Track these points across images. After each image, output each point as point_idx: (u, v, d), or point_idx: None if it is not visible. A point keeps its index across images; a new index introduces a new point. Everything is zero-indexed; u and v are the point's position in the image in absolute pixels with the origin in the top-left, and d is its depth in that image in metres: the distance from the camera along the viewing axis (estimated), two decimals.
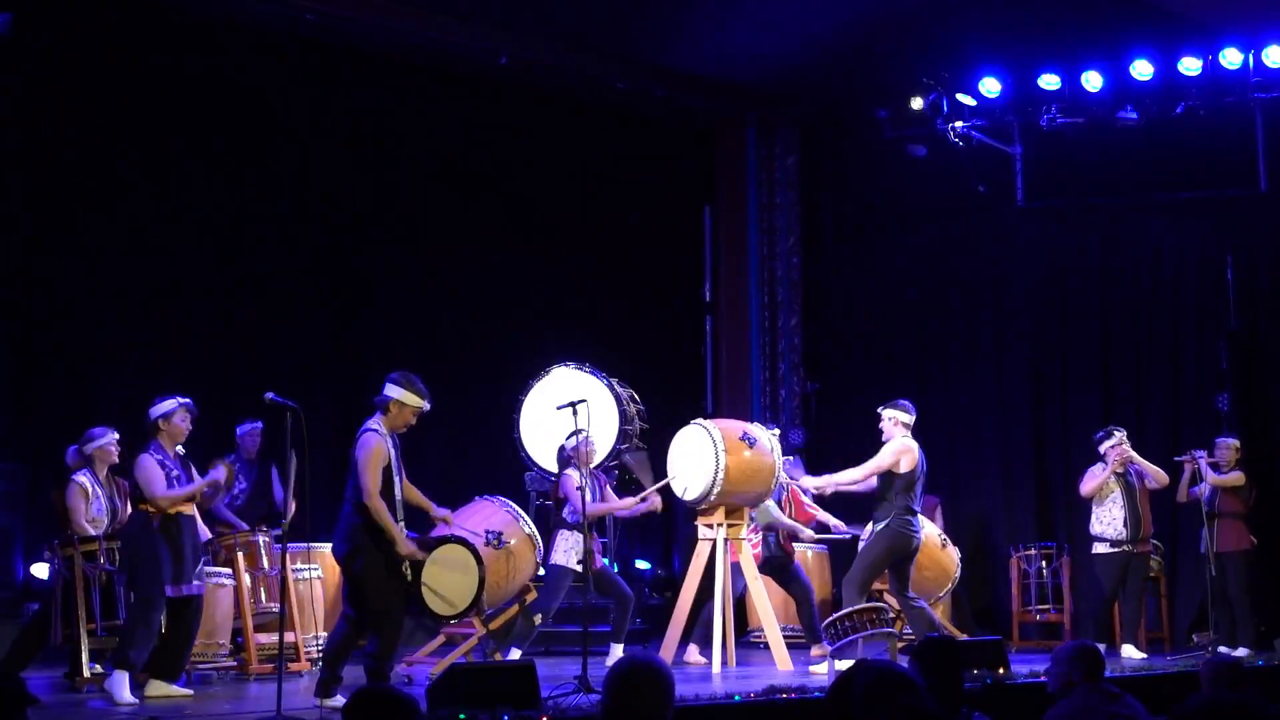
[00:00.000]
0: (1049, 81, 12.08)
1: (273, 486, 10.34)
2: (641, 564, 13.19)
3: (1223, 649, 10.16)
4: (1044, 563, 11.65)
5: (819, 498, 10.51)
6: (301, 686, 8.14)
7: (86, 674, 8.12)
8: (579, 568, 9.19)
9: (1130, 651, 10.22)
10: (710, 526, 9.35)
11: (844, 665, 7.92)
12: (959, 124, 12.43)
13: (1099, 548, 10.45)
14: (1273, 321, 12.04)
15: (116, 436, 8.64)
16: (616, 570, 10.26)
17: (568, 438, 9.39)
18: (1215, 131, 11.88)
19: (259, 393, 7.33)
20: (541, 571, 9.28)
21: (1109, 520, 10.42)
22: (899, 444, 9.27)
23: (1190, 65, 11.56)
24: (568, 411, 8.71)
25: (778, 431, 9.92)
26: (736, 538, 9.38)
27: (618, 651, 9.43)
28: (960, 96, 12.35)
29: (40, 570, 9.71)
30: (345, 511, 7.27)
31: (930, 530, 10.35)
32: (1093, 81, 11.90)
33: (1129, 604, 10.48)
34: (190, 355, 11.31)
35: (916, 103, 12.37)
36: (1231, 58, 11.48)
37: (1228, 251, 12.06)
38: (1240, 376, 11.82)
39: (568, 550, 9.35)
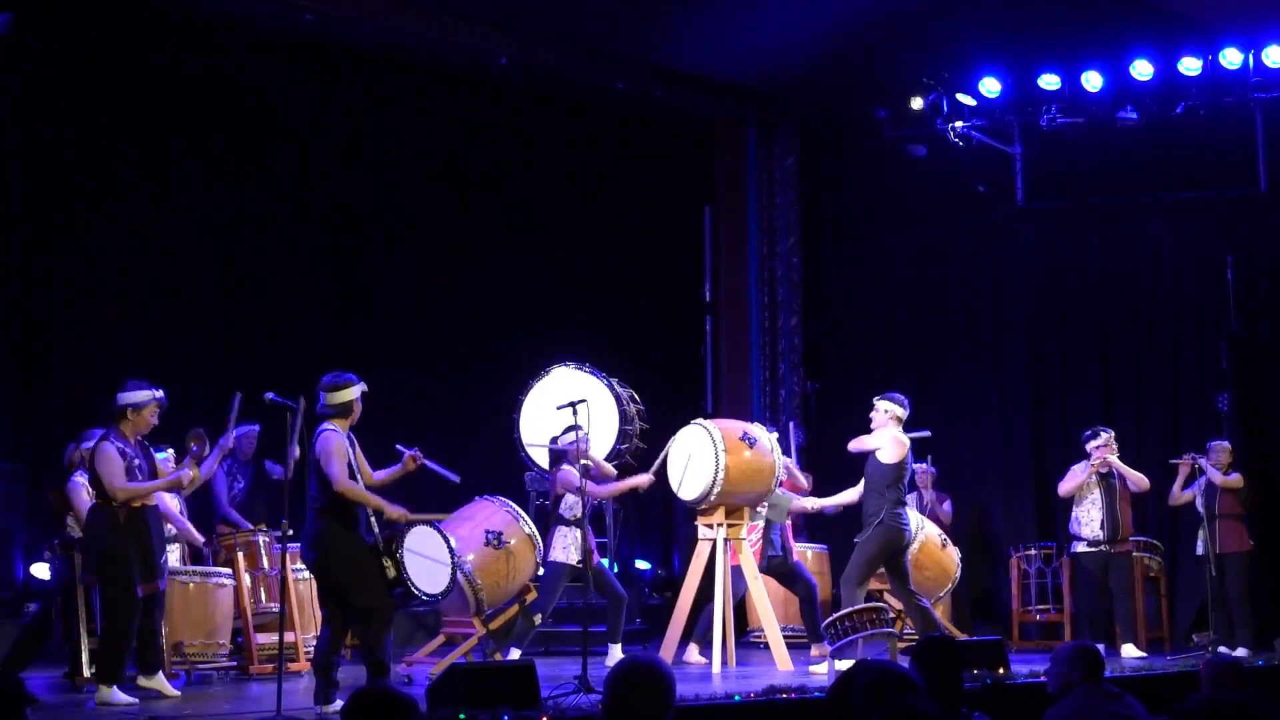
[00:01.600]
0: (1049, 81, 12.08)
1: (268, 477, 10.39)
2: (641, 564, 13.18)
3: (1223, 649, 10.16)
4: (1044, 562, 11.65)
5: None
6: (301, 687, 8.14)
7: (86, 674, 8.13)
8: (579, 565, 9.19)
9: (1130, 651, 10.23)
10: (710, 526, 9.34)
11: (844, 665, 7.92)
12: (959, 124, 12.42)
13: (1078, 547, 10.62)
14: (1273, 321, 12.03)
15: None
16: (616, 570, 10.25)
17: (563, 432, 9.39)
18: (1215, 131, 11.87)
19: (259, 393, 7.33)
20: (540, 570, 9.28)
21: (1087, 520, 10.54)
22: (886, 432, 9.29)
23: (1190, 65, 11.56)
24: (567, 411, 8.72)
25: (776, 434, 9.91)
26: (737, 538, 9.37)
27: (616, 652, 9.42)
28: (960, 96, 12.35)
29: (40, 570, 9.72)
30: (309, 517, 7.23)
31: (930, 530, 10.35)
32: (1093, 81, 11.90)
33: (1123, 604, 10.50)
34: (190, 355, 11.33)
35: (916, 103, 12.36)
36: (1231, 58, 11.48)
37: (1228, 251, 12.04)
38: (1240, 376, 11.80)
39: (566, 547, 9.33)
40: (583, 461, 8.86)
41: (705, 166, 14.62)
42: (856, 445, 9.50)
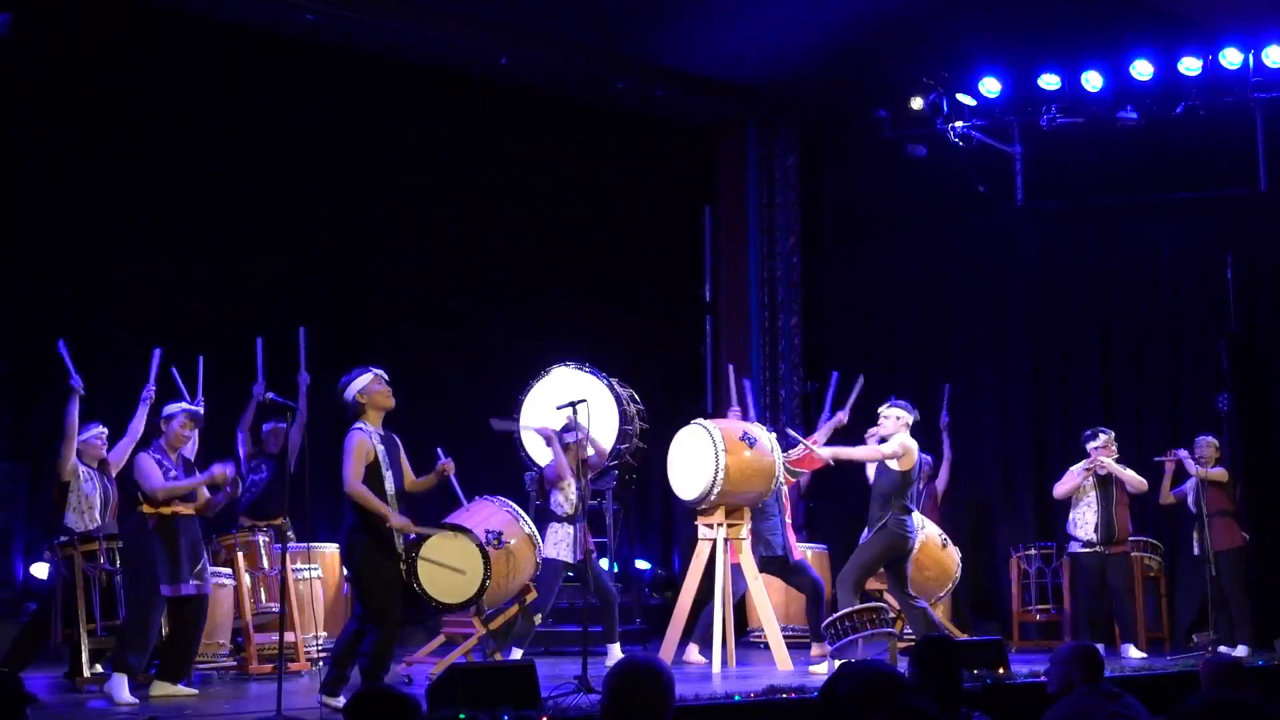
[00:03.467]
0: (1049, 81, 12.08)
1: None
2: (641, 564, 13.18)
3: (1223, 649, 10.16)
4: (1044, 562, 11.64)
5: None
6: (301, 687, 8.15)
7: (86, 674, 8.13)
8: (570, 559, 9.24)
9: (1130, 651, 10.23)
10: (710, 526, 9.35)
11: None
12: (959, 124, 12.42)
13: (1073, 548, 10.66)
14: (1273, 321, 12.03)
15: (104, 431, 8.72)
16: (615, 570, 10.26)
17: (562, 429, 9.42)
18: (1215, 131, 11.88)
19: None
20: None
21: (1082, 522, 10.57)
22: (905, 440, 9.25)
23: (1190, 65, 11.56)
24: (567, 410, 8.73)
25: (775, 434, 9.91)
26: (737, 538, 9.38)
27: (615, 651, 9.43)
28: (960, 96, 12.35)
29: (40, 570, 9.71)
30: (345, 515, 7.36)
31: (931, 530, 10.33)
32: (1093, 81, 11.90)
33: (1122, 604, 10.51)
34: (192, 356, 11.30)
35: (916, 103, 12.36)
36: (1231, 58, 11.48)
37: (1228, 251, 12.04)
38: (1240, 376, 11.80)
39: (558, 543, 9.35)
40: (577, 449, 8.92)
41: (705, 166, 14.62)
42: (877, 455, 9.30)
